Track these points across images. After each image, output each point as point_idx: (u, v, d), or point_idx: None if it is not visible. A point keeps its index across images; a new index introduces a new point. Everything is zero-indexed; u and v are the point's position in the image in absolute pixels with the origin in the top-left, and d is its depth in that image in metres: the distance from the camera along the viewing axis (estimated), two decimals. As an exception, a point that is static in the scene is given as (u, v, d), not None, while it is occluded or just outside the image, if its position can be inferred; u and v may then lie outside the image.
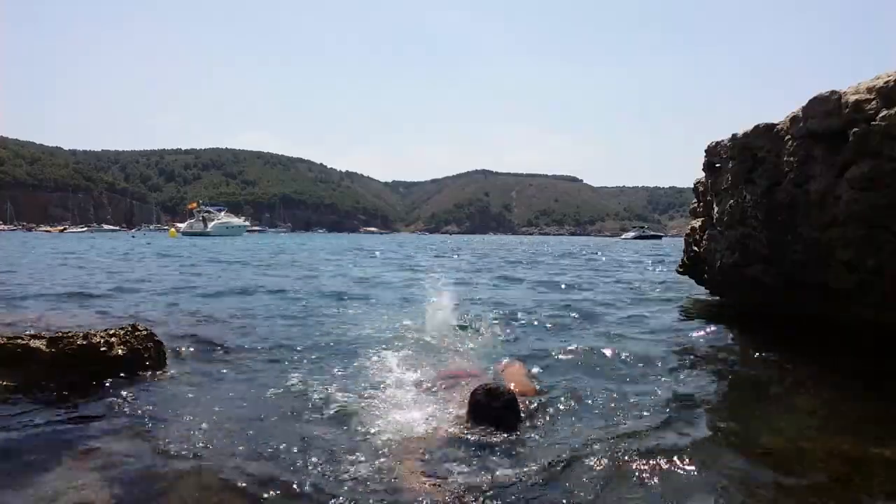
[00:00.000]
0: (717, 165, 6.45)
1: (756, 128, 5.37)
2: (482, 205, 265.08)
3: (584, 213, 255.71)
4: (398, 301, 8.33)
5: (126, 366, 3.75)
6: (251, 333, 5.49)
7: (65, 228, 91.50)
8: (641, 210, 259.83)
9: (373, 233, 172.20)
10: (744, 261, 5.83)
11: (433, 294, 8.44)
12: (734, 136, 5.82)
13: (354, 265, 17.01)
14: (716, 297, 7.68)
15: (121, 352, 3.77)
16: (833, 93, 4.37)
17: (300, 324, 6.16)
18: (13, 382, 3.36)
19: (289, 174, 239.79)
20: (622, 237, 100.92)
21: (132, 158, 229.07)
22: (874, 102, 3.99)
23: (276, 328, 5.85)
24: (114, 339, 3.82)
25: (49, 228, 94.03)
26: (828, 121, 4.37)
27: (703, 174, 7.13)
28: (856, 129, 4.08)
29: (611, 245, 52.13)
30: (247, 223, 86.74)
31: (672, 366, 4.46)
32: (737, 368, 4.38)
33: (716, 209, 6.47)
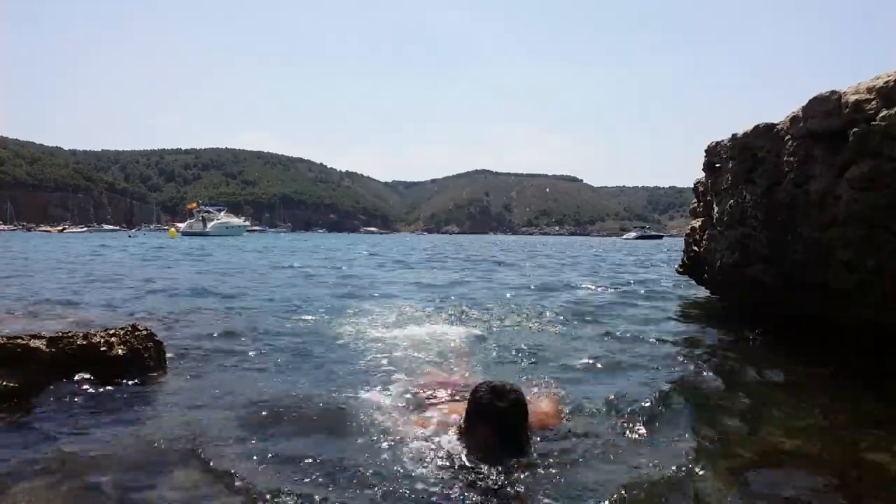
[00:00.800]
0: (717, 165, 6.45)
1: (756, 128, 5.37)
2: (482, 205, 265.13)
3: (584, 213, 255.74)
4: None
5: (126, 366, 3.75)
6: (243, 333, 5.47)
7: (64, 228, 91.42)
8: (641, 210, 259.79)
9: (373, 233, 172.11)
10: (744, 261, 5.83)
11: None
12: (734, 136, 5.82)
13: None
14: (716, 297, 7.68)
15: (121, 352, 3.77)
16: (833, 93, 4.37)
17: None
18: (13, 382, 3.36)
19: (289, 174, 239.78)
20: (624, 237, 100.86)
21: (132, 158, 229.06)
22: (874, 102, 3.99)
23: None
24: (114, 339, 3.82)
25: (49, 228, 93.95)
26: (828, 121, 4.37)
27: (703, 174, 7.13)
28: (856, 129, 4.07)
29: (612, 245, 51.94)
30: (247, 223, 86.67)
31: (671, 366, 4.46)
32: (736, 368, 4.38)
33: (716, 209, 6.47)
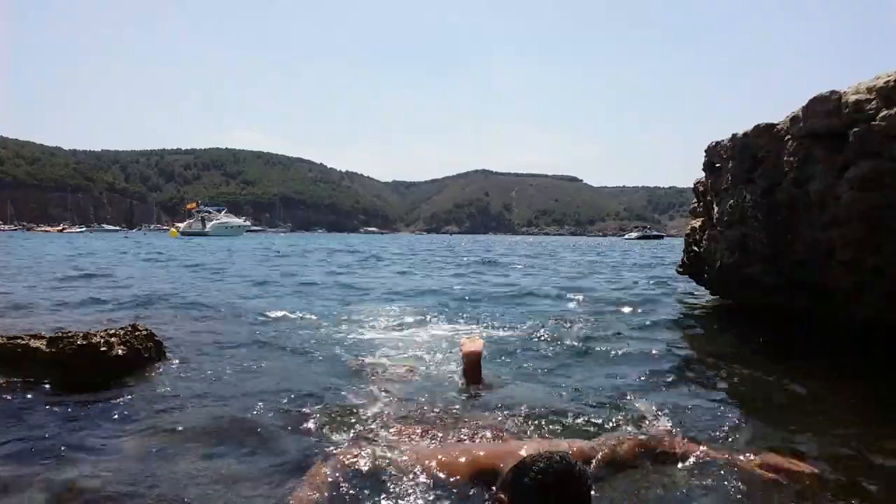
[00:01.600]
0: (717, 165, 6.44)
1: (756, 128, 5.36)
2: (482, 205, 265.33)
3: (584, 213, 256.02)
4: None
5: (126, 365, 3.76)
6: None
7: (63, 228, 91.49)
8: (641, 210, 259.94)
9: (373, 233, 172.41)
10: (744, 261, 5.83)
11: None
12: (734, 136, 5.82)
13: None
14: (716, 297, 7.68)
15: (121, 352, 3.77)
16: (833, 93, 4.36)
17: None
18: (13, 382, 3.36)
19: (289, 174, 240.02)
20: (626, 237, 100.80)
21: (132, 158, 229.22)
22: (874, 102, 3.99)
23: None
24: (114, 339, 3.82)
25: (48, 228, 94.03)
26: (828, 121, 4.36)
27: (703, 174, 7.12)
28: (856, 129, 4.07)
29: (621, 245, 51.68)
30: (247, 223, 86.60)
31: (670, 366, 4.46)
32: (736, 368, 4.37)
33: (716, 209, 6.46)
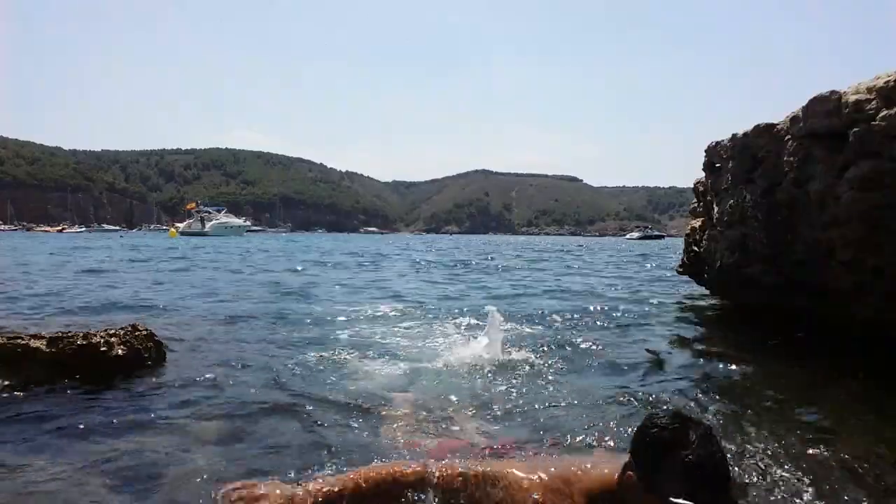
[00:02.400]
0: (718, 165, 6.45)
1: (756, 128, 5.37)
2: (482, 205, 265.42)
3: (584, 213, 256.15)
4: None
5: (126, 365, 3.75)
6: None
7: (63, 228, 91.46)
8: (641, 210, 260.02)
9: (373, 233, 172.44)
10: (744, 261, 5.83)
11: None
12: (734, 136, 5.82)
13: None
14: (715, 297, 7.68)
15: (121, 352, 3.77)
16: (833, 93, 4.37)
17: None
18: (13, 382, 3.36)
19: (289, 174, 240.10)
20: (627, 237, 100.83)
21: (132, 158, 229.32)
22: (874, 102, 3.99)
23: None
24: (114, 339, 3.82)
25: (48, 228, 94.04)
26: (828, 121, 4.37)
27: (703, 174, 7.13)
28: (856, 129, 4.07)
29: (626, 246, 51.62)
30: (247, 223, 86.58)
31: (669, 366, 4.46)
32: (735, 368, 4.37)
33: (716, 209, 6.47)
